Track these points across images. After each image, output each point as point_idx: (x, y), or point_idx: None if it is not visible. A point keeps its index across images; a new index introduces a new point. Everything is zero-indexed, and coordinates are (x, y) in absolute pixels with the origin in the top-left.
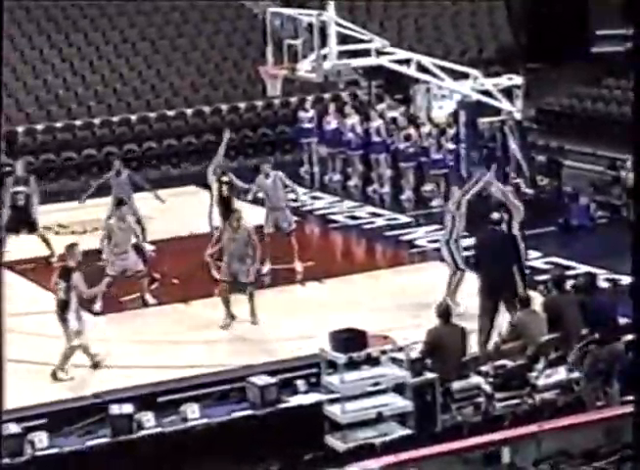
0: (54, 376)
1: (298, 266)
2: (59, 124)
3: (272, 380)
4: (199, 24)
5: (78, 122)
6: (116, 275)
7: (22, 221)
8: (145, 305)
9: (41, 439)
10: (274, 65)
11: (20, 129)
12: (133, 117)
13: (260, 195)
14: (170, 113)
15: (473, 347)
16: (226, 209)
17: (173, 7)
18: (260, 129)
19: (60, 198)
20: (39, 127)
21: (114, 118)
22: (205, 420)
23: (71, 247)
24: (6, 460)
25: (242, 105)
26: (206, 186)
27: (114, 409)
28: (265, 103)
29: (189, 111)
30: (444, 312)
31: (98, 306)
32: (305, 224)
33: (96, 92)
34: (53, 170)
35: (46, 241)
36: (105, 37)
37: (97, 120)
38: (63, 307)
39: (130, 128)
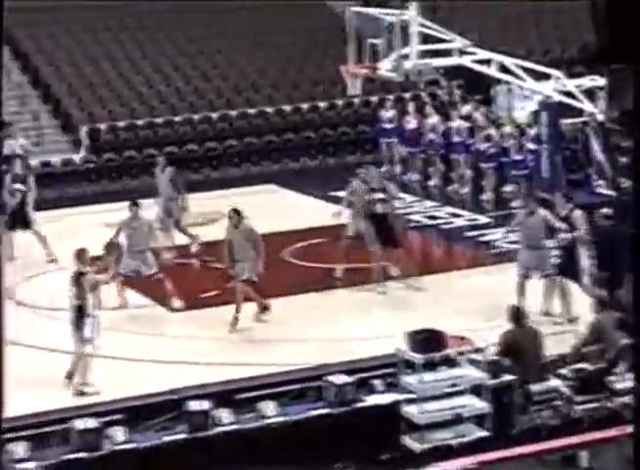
0: (80, 393)
1: (393, 270)
2: (141, 122)
3: (349, 379)
4: (281, 23)
5: (160, 120)
6: (130, 275)
7: (18, 219)
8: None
9: (119, 434)
10: (355, 64)
11: (102, 127)
12: (214, 115)
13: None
14: (251, 111)
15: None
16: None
17: (257, 5)
18: (340, 128)
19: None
20: (121, 124)
21: (196, 116)
22: (281, 418)
23: (81, 252)
24: (84, 454)
25: (322, 104)
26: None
27: (192, 406)
28: (346, 102)
29: (270, 109)
30: (515, 315)
31: (177, 303)
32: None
33: (178, 90)
34: (135, 167)
35: (43, 240)
36: (187, 35)
37: (178, 118)
38: (77, 313)
39: (211, 126)
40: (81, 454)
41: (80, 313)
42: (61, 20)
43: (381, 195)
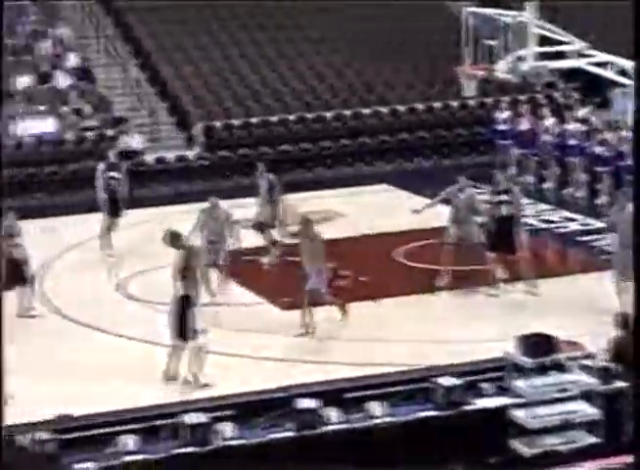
0: (202, 384)
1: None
2: (255, 120)
3: (458, 382)
4: (397, 23)
5: (274, 119)
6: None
7: (116, 205)
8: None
9: (228, 429)
10: (471, 65)
11: (217, 124)
12: (328, 115)
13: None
14: (366, 111)
15: None
16: None
17: (373, 5)
18: (455, 130)
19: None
20: (236, 122)
21: (310, 115)
22: (389, 419)
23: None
24: (193, 449)
25: (437, 104)
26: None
27: (300, 404)
28: (461, 103)
29: (384, 109)
30: (625, 321)
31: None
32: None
33: (293, 89)
34: (248, 165)
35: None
36: (304, 34)
37: (292, 117)
38: (182, 304)
39: (325, 125)
40: (190, 449)
41: (186, 305)
42: (180, 18)
43: (505, 197)
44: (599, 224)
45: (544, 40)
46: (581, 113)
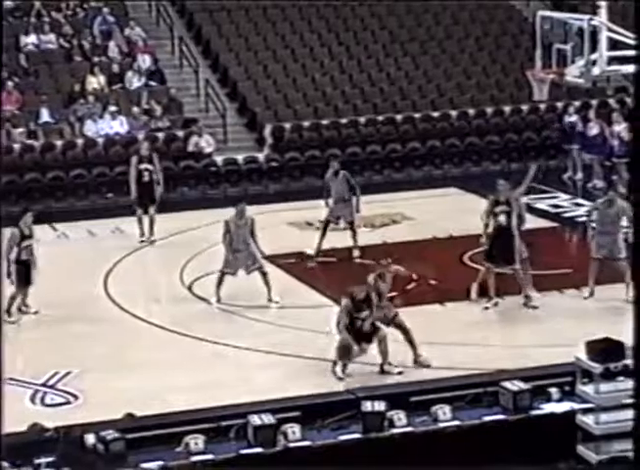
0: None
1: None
2: (325, 122)
3: (525, 386)
4: (468, 26)
5: (344, 121)
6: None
7: (148, 197)
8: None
9: (294, 431)
10: (542, 68)
11: (287, 126)
12: (398, 117)
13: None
14: (434, 114)
15: None
16: None
17: (444, 7)
18: (525, 133)
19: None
20: (306, 124)
21: (380, 117)
22: (455, 422)
23: None
24: (260, 450)
25: (507, 108)
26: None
27: (367, 406)
28: (531, 107)
29: (453, 112)
30: None
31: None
32: (565, 231)
33: (362, 91)
34: (317, 167)
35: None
36: (373, 36)
37: (362, 119)
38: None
39: (395, 128)
40: (257, 450)
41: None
42: (250, 19)
43: (505, 208)
44: None
45: (616, 44)
46: None
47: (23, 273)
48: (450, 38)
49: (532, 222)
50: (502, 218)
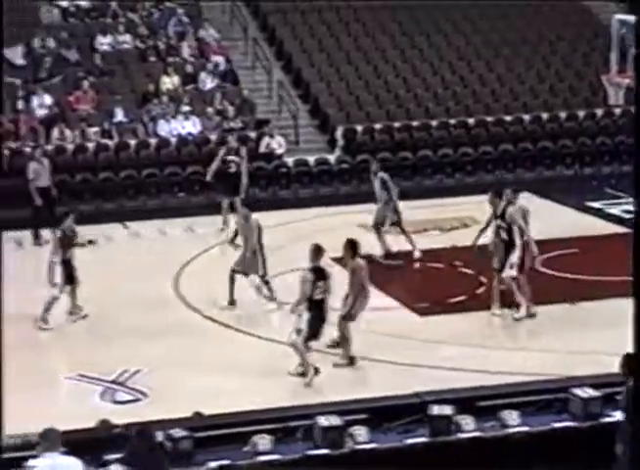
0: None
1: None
2: (397, 124)
3: (596, 393)
4: (542, 30)
5: (416, 123)
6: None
7: (233, 188)
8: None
9: (361, 433)
10: (618, 73)
11: (359, 128)
12: (470, 121)
13: None
14: (508, 118)
15: None
16: None
17: (519, 10)
18: (599, 138)
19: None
20: (377, 126)
21: (452, 121)
22: (524, 428)
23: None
24: (326, 451)
25: (581, 113)
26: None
27: (434, 410)
28: (606, 111)
29: (527, 116)
30: None
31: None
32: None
33: (435, 94)
34: (390, 170)
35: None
36: (446, 40)
37: (434, 122)
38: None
39: (467, 131)
40: (323, 451)
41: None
42: (323, 21)
43: (501, 222)
44: None
45: None
46: None
47: (68, 274)
48: (525, 42)
49: (606, 229)
50: (501, 232)
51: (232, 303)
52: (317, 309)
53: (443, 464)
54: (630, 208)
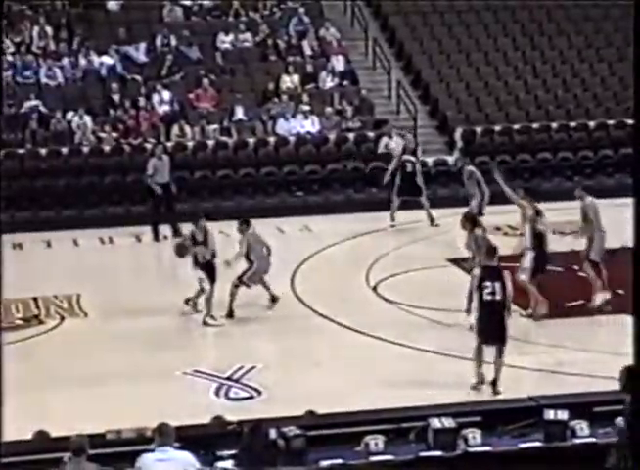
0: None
1: None
2: (517, 126)
3: None
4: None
5: (536, 126)
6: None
7: (412, 186)
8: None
9: (475, 435)
10: None
11: (478, 129)
12: (591, 124)
13: None
14: (630, 121)
15: None
16: None
17: (605, 16)
18: None
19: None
20: (497, 128)
21: (572, 124)
22: None
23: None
24: (439, 453)
25: None
26: None
27: (549, 414)
28: None
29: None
30: None
31: (544, 310)
32: None
33: (556, 96)
34: (509, 172)
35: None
36: (568, 41)
37: (554, 125)
38: None
39: (587, 134)
40: (436, 453)
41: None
42: (444, 22)
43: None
44: None
45: None
46: None
47: (209, 274)
48: (610, 46)
49: None
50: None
51: None
52: (485, 310)
53: (557, 469)
54: None
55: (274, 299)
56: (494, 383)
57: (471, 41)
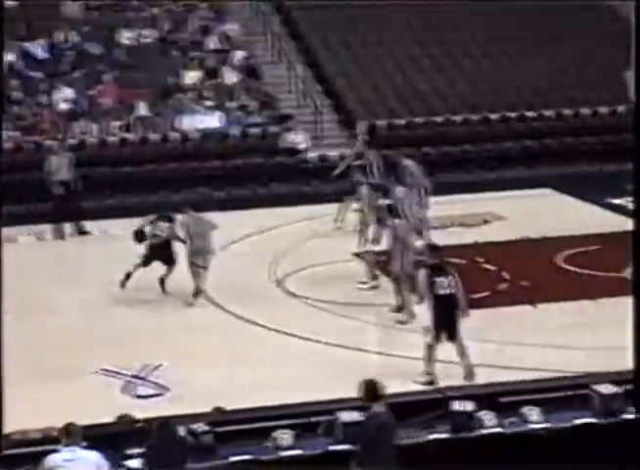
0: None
1: None
2: (419, 120)
3: (617, 389)
4: (566, 27)
5: (439, 119)
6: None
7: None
8: None
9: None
10: None
11: (381, 123)
12: (493, 117)
13: None
14: (530, 114)
15: None
16: None
17: (545, 7)
18: (621, 135)
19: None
20: (400, 122)
21: (474, 117)
22: (546, 424)
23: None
24: (348, 446)
25: (604, 109)
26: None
27: (456, 406)
28: (628, 108)
29: (549, 112)
30: None
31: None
32: None
33: (458, 90)
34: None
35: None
36: (470, 35)
37: (457, 118)
38: None
39: (489, 127)
40: (345, 446)
41: None
42: (346, 16)
43: None
44: None
45: None
46: None
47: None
48: (548, 37)
49: (628, 225)
50: None
51: None
52: (438, 305)
53: (465, 460)
54: None
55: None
56: (469, 374)
57: (373, 35)
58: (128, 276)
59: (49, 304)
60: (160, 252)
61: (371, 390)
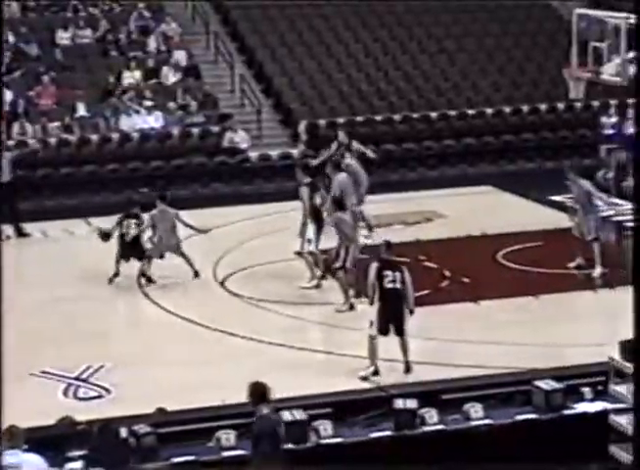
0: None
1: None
2: (360, 118)
3: (558, 385)
4: (504, 24)
5: (379, 117)
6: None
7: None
8: None
9: (326, 427)
10: (578, 67)
11: (322, 122)
12: (433, 115)
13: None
14: (470, 111)
15: None
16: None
17: (481, 5)
18: (560, 132)
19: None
20: (340, 120)
21: (414, 115)
22: (488, 421)
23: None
24: (291, 446)
25: (543, 106)
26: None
27: (399, 404)
28: (567, 105)
29: (489, 110)
30: None
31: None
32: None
33: (398, 88)
34: None
35: None
36: (409, 33)
37: (397, 116)
38: None
39: (430, 125)
40: (288, 446)
41: None
42: (285, 16)
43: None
44: None
45: None
46: None
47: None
48: (487, 35)
49: (568, 221)
50: None
51: None
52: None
53: (408, 458)
54: None
55: (149, 279)
56: (407, 368)
57: (313, 34)
58: (116, 275)
59: None
60: (132, 249)
61: (258, 391)
